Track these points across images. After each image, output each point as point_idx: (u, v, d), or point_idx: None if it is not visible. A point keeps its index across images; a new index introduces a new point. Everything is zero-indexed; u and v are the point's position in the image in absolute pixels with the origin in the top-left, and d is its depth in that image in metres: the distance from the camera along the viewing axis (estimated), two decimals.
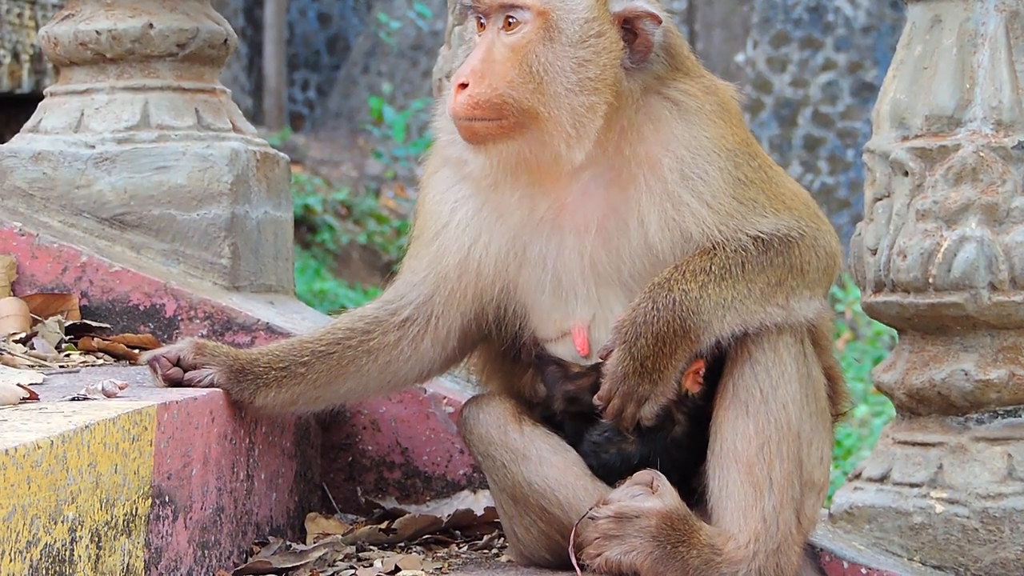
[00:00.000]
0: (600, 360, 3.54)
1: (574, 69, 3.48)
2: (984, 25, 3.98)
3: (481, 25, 3.53)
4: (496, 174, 3.54)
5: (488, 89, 3.46)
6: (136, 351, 4.25)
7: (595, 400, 3.52)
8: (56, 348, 4.29)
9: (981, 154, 3.94)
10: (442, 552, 3.99)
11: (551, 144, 3.48)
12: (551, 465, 3.63)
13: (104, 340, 4.33)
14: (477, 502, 4.19)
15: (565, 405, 3.66)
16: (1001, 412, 3.96)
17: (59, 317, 4.41)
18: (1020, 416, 3.95)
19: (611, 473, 3.64)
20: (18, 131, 4.84)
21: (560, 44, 3.48)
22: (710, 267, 3.49)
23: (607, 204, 3.55)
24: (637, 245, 3.56)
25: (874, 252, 4.06)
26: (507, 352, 3.73)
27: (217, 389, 3.64)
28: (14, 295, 4.48)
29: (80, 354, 4.28)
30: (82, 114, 4.71)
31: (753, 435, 3.52)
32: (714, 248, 3.52)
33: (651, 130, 3.55)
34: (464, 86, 3.47)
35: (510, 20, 3.49)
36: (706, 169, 3.53)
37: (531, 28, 3.48)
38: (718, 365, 3.61)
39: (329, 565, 3.79)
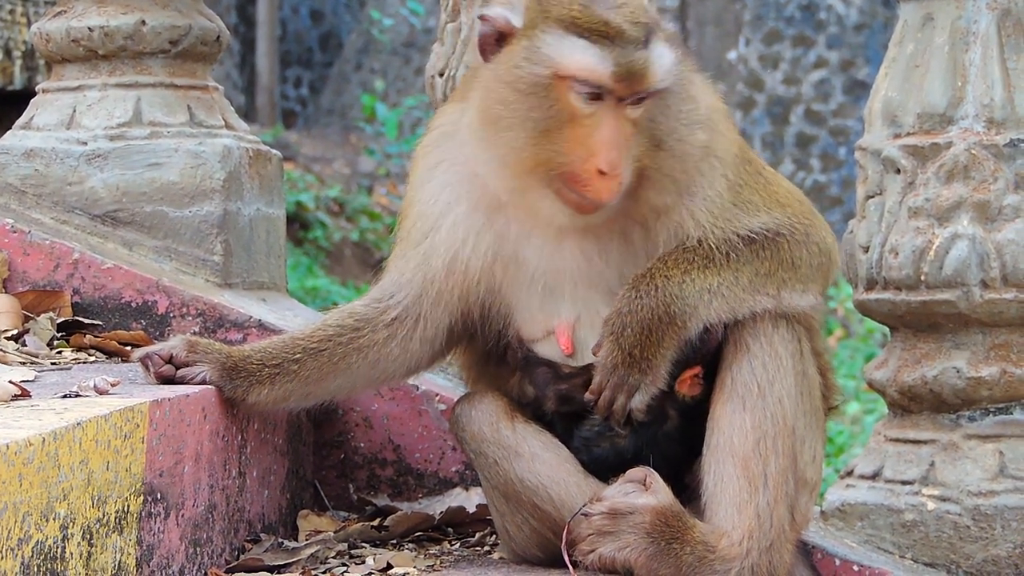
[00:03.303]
0: (591, 360, 3.55)
1: (682, 124, 3.51)
2: (976, 23, 3.99)
3: (594, 96, 3.39)
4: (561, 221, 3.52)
5: (626, 174, 3.42)
6: (128, 348, 4.24)
7: (587, 395, 3.52)
8: (48, 345, 4.29)
9: (973, 152, 3.94)
10: (434, 549, 3.99)
11: (641, 195, 3.50)
12: (543, 462, 3.63)
13: (96, 337, 4.33)
14: (469, 499, 4.19)
15: (558, 405, 3.66)
16: (993, 410, 3.97)
17: (51, 314, 4.41)
18: (1012, 414, 3.96)
19: (603, 468, 3.64)
20: (10, 128, 4.84)
21: (673, 108, 3.49)
22: (693, 257, 3.51)
23: (610, 219, 3.54)
24: (632, 252, 3.57)
25: (866, 249, 4.07)
26: (492, 353, 3.73)
27: (209, 386, 3.64)
28: (6, 292, 4.47)
29: (72, 351, 4.28)
30: (74, 111, 4.70)
31: (750, 429, 3.52)
32: (699, 242, 3.53)
33: None
34: (604, 173, 3.38)
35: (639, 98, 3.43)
36: (711, 181, 3.55)
37: (651, 99, 3.44)
38: (712, 367, 3.61)
39: (321, 562, 3.79)
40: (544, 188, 3.45)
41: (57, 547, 2.89)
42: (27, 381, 3.64)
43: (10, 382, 3.38)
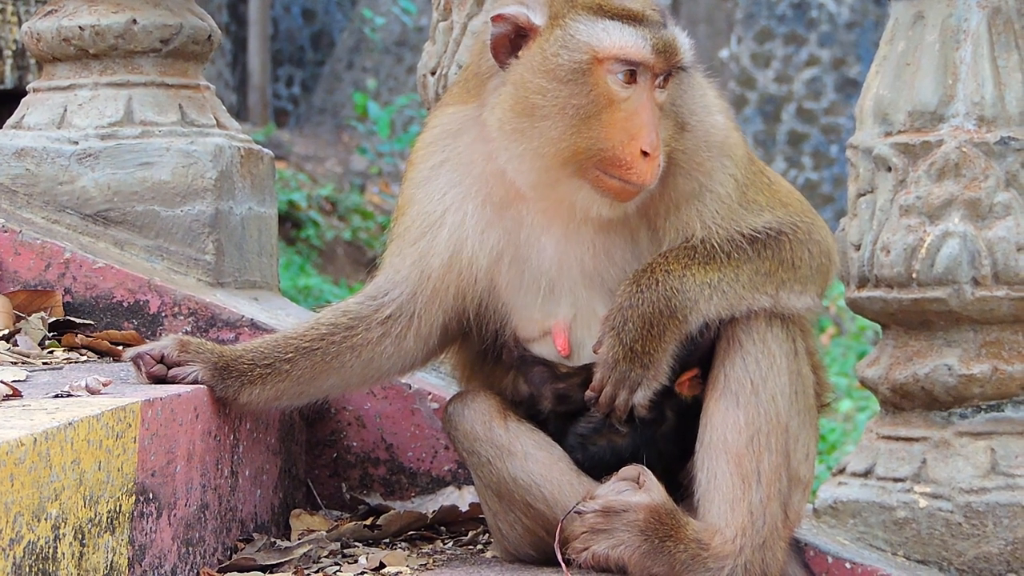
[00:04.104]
0: (588, 361, 3.55)
1: (700, 106, 3.59)
2: (966, 21, 3.99)
3: (629, 78, 3.45)
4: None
5: (662, 156, 3.47)
6: (120, 348, 4.24)
7: (587, 392, 3.52)
8: (39, 345, 4.28)
9: (964, 149, 3.95)
10: (427, 548, 3.98)
11: (669, 181, 3.54)
12: (536, 461, 3.63)
13: (88, 337, 4.32)
14: (462, 498, 4.19)
15: (554, 404, 3.65)
16: (984, 407, 3.97)
17: (42, 314, 4.40)
18: (1003, 411, 3.97)
19: (597, 466, 3.63)
20: (1, 127, 4.83)
21: (689, 91, 3.57)
22: (694, 254, 3.53)
23: (617, 218, 3.55)
24: (637, 253, 3.58)
25: (858, 247, 4.07)
26: (487, 352, 3.73)
27: (201, 386, 3.63)
28: None
29: (64, 351, 4.27)
30: (65, 110, 4.70)
31: (743, 426, 3.52)
32: (702, 240, 3.54)
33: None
34: (646, 154, 3.42)
35: (667, 78, 3.50)
36: (722, 180, 3.57)
37: (674, 82, 3.52)
38: (707, 366, 3.62)
39: (314, 562, 3.79)
40: (579, 179, 3.48)
41: (49, 547, 2.89)
42: (18, 381, 3.64)
43: (1, 382, 3.38)
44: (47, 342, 4.33)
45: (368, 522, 4.08)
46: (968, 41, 3.98)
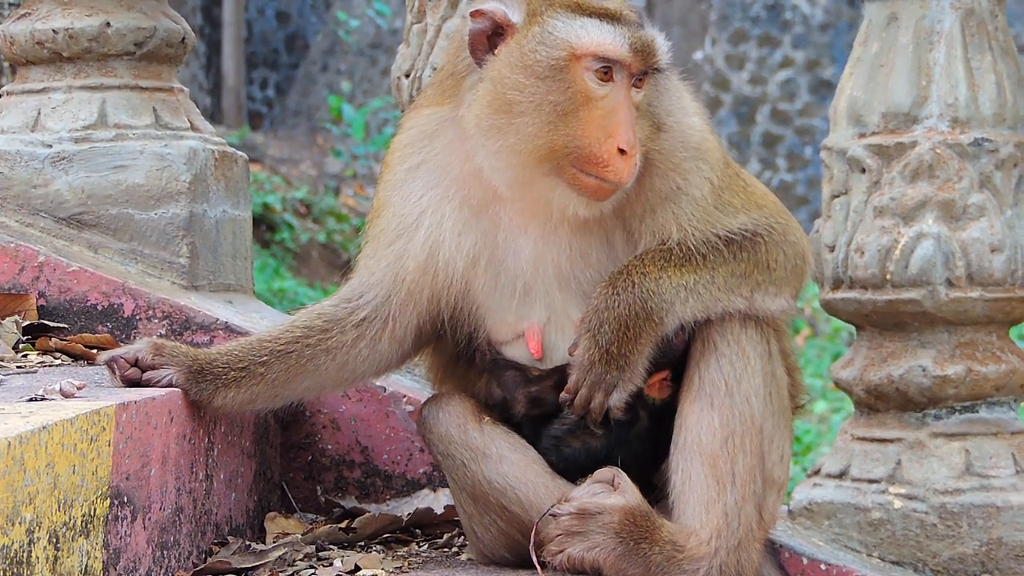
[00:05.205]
0: (559, 363, 3.55)
1: (676, 107, 3.60)
2: (940, 23, 4.01)
3: (605, 76, 3.46)
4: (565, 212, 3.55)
5: (639, 154, 3.47)
6: (94, 351, 4.22)
7: (563, 394, 3.52)
8: (13, 348, 4.27)
9: (938, 151, 3.96)
10: (402, 551, 3.98)
11: (645, 182, 3.54)
12: (511, 463, 3.63)
13: (62, 340, 4.31)
14: (437, 501, 4.18)
15: (528, 408, 3.65)
16: (959, 408, 3.99)
17: (16, 317, 4.38)
18: (977, 412, 3.98)
19: (572, 468, 3.64)
20: None
21: (665, 93, 3.58)
22: (670, 256, 3.53)
23: (593, 219, 3.55)
24: (613, 256, 3.58)
25: (832, 249, 4.08)
26: (461, 355, 3.73)
27: (176, 389, 3.62)
28: None
29: (38, 354, 4.26)
30: (39, 113, 4.68)
31: (718, 428, 3.53)
32: (677, 242, 3.55)
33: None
34: (623, 152, 3.43)
35: (643, 78, 3.50)
36: (698, 183, 3.57)
37: (650, 83, 3.53)
38: (679, 368, 3.62)
39: (289, 565, 3.78)
40: (555, 177, 3.48)
41: (23, 551, 2.88)
42: None
43: None
44: (21, 345, 4.31)
45: (343, 525, 4.08)
46: (942, 42, 4.00)
